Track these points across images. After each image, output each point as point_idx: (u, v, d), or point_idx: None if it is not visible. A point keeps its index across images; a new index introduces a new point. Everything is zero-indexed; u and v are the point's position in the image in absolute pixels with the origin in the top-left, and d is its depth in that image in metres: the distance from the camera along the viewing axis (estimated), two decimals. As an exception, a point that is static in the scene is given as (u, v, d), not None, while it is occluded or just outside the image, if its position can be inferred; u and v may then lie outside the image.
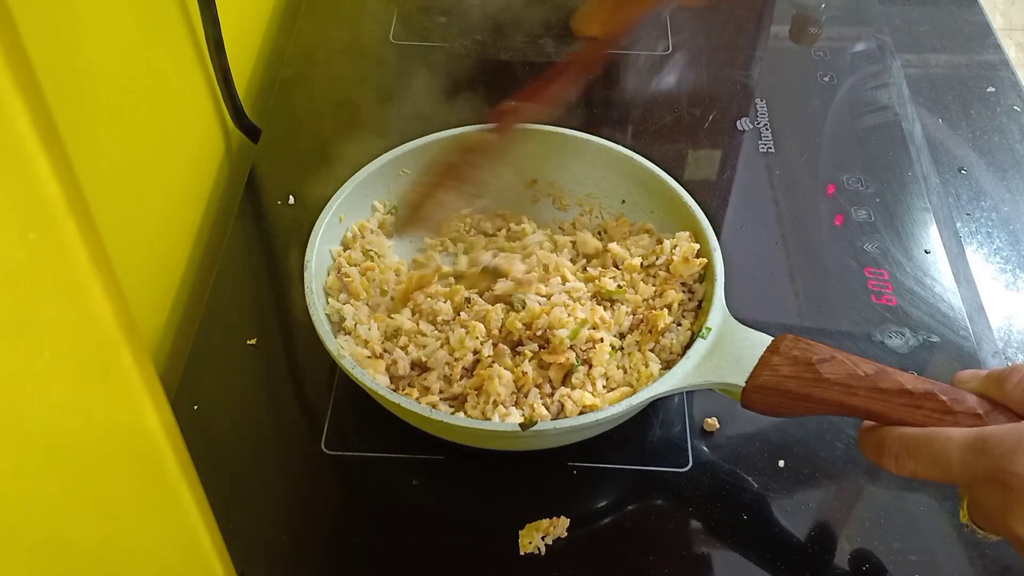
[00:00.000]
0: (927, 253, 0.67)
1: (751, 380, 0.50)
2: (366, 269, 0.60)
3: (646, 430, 0.57)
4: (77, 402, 0.26)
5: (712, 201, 0.71)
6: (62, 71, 0.51)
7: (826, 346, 0.49)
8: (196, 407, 0.58)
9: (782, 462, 0.55)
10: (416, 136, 0.63)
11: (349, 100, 0.79)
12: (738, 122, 0.78)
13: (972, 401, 0.45)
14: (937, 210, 0.71)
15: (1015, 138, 0.78)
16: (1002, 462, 0.40)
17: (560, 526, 0.52)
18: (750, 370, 0.50)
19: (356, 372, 0.51)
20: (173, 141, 0.67)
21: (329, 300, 0.58)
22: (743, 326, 0.53)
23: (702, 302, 0.58)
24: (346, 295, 0.58)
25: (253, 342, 0.62)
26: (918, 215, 0.70)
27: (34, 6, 0.47)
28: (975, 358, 0.61)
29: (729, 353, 0.52)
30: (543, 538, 0.52)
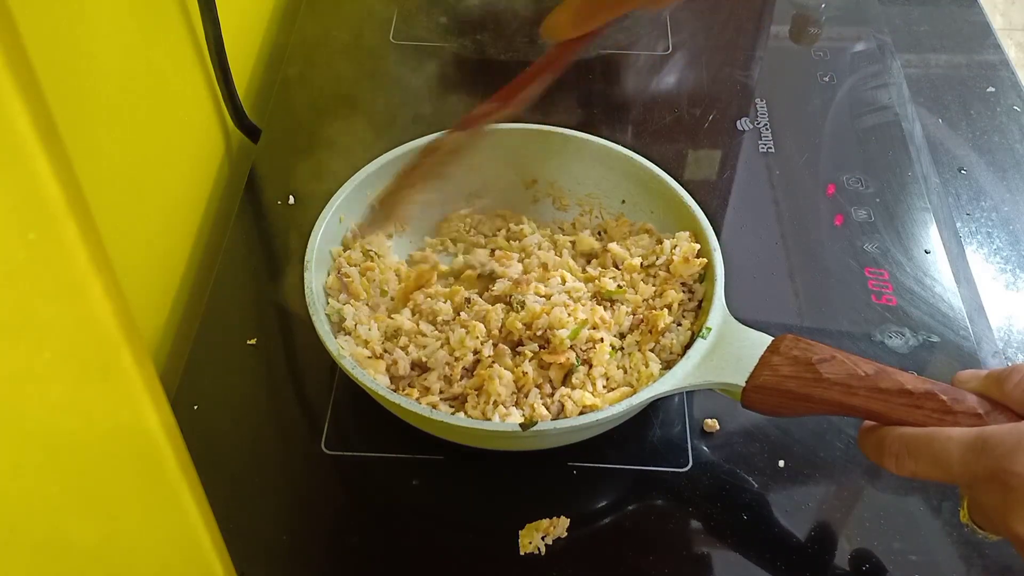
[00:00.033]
0: (927, 253, 0.67)
1: (751, 380, 0.50)
2: (366, 269, 0.60)
3: (646, 430, 0.57)
4: (77, 402, 0.26)
5: (712, 201, 0.71)
6: (62, 71, 0.51)
7: (826, 346, 0.49)
8: (196, 407, 0.58)
9: (782, 462, 0.55)
10: (416, 136, 0.63)
11: (349, 100, 0.79)
12: (738, 122, 0.78)
13: (972, 401, 0.45)
14: (937, 210, 0.71)
15: (1015, 138, 0.78)
16: (1002, 462, 0.40)
17: (560, 526, 0.52)
18: (750, 370, 0.50)
19: (356, 372, 0.51)
20: (173, 141, 0.67)
21: (329, 300, 0.58)
22: (743, 326, 0.53)
23: (702, 302, 0.58)
24: (346, 295, 0.58)
25: (253, 342, 0.62)
26: (918, 215, 0.70)
27: (34, 6, 0.47)
28: (975, 358, 0.61)
29: (729, 353, 0.52)
30: (543, 538, 0.52)
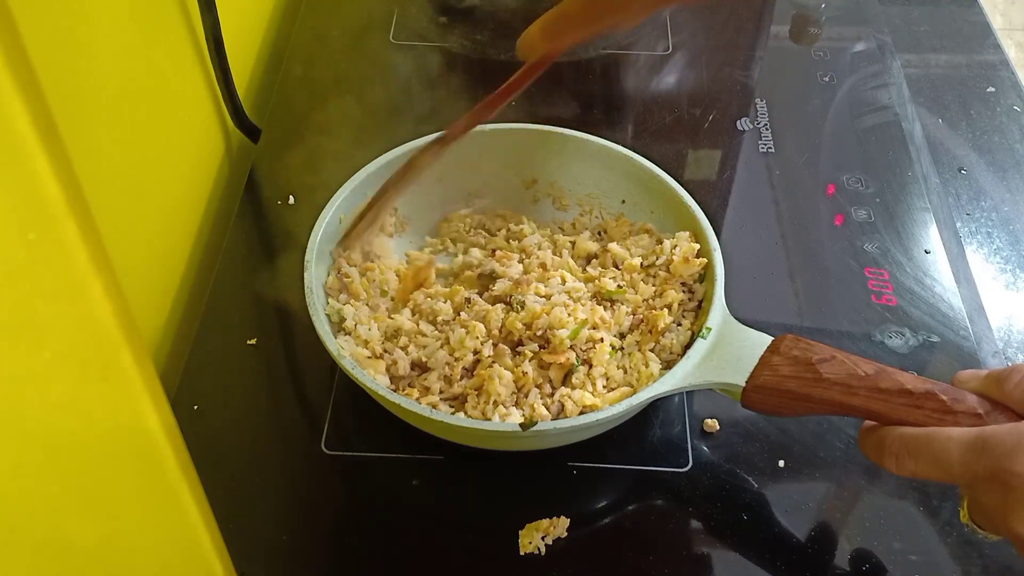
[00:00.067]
0: (927, 253, 0.67)
1: (751, 380, 0.50)
2: (366, 269, 0.60)
3: (646, 430, 0.57)
4: (77, 402, 0.26)
5: (712, 201, 0.71)
6: (62, 71, 0.51)
7: (826, 346, 0.49)
8: (196, 407, 0.58)
9: (782, 462, 0.55)
10: (416, 136, 0.63)
11: (349, 100, 0.79)
12: (738, 122, 0.78)
13: (972, 401, 0.45)
14: (937, 210, 0.71)
15: (1015, 138, 0.78)
16: (1002, 462, 0.40)
17: (560, 526, 0.52)
18: (750, 370, 0.50)
19: (356, 372, 0.51)
20: (173, 141, 0.67)
21: (329, 300, 0.58)
22: (743, 326, 0.53)
23: (702, 302, 0.58)
24: (346, 295, 0.58)
25: (253, 342, 0.62)
26: (918, 215, 0.70)
27: (34, 6, 0.47)
28: (975, 358, 0.61)
29: (729, 353, 0.52)
30: (543, 538, 0.52)
